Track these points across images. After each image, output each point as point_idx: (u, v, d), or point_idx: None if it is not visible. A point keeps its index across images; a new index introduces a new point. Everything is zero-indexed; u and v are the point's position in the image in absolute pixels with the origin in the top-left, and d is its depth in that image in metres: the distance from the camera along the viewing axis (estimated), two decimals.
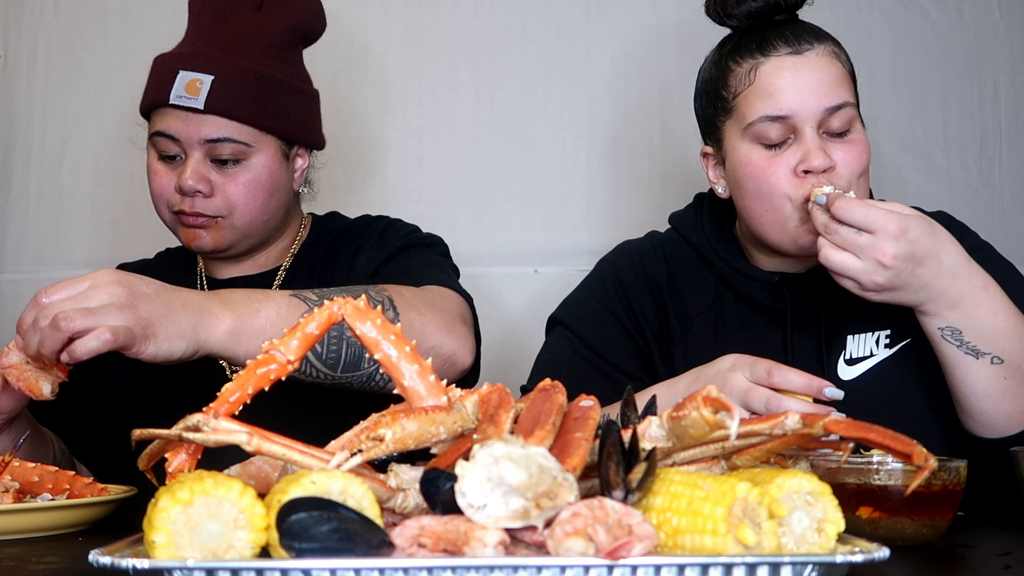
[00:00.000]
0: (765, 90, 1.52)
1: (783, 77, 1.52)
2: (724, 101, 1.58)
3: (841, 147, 1.52)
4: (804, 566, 0.85)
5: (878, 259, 1.36)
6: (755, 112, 1.52)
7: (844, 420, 0.95)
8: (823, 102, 1.51)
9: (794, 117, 1.51)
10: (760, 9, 1.57)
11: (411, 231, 1.81)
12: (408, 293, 1.54)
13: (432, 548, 0.84)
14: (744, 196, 1.57)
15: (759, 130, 1.52)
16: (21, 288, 2.43)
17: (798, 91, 1.51)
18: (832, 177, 1.50)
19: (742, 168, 1.55)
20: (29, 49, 2.45)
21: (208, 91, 1.64)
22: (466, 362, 1.56)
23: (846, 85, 1.54)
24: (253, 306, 1.40)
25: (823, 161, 1.49)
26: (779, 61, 1.53)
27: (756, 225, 1.58)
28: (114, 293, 1.30)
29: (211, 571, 0.83)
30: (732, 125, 1.57)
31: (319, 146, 1.82)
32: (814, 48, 1.53)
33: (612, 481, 0.87)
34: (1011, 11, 2.38)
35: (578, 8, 2.41)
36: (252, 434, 0.91)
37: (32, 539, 1.24)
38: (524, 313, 2.34)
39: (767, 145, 1.52)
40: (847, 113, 1.52)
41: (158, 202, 1.73)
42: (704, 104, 1.64)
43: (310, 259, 1.82)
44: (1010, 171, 2.38)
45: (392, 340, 1.03)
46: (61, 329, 1.26)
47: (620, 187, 2.39)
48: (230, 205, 1.69)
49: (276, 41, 1.73)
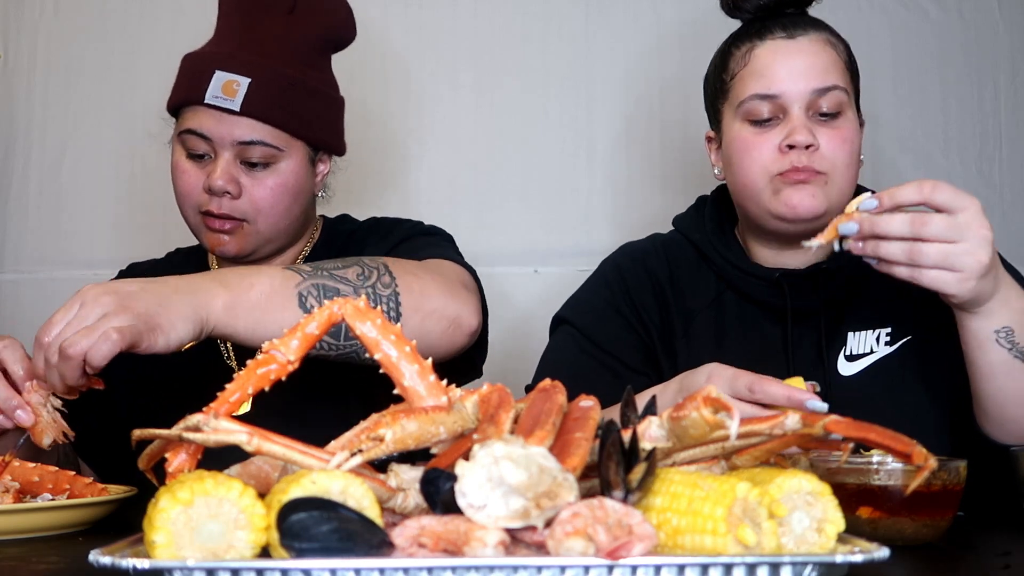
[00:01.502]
0: (758, 71, 1.57)
1: (775, 59, 1.57)
2: (723, 83, 1.63)
3: (827, 131, 1.55)
4: (804, 566, 0.85)
5: (980, 234, 1.29)
6: (747, 91, 1.57)
7: (844, 420, 0.95)
8: (812, 83, 1.54)
9: (783, 97, 1.55)
10: (769, 4, 1.61)
11: (414, 224, 1.82)
12: (406, 261, 1.53)
13: (432, 548, 0.84)
14: (732, 172, 1.62)
15: (749, 107, 1.57)
16: (21, 288, 2.43)
17: (788, 72, 1.55)
18: (814, 158, 1.53)
19: (732, 144, 1.60)
20: (29, 49, 2.45)
21: (245, 93, 1.63)
22: (472, 323, 1.54)
23: (838, 71, 1.57)
24: (247, 280, 1.40)
25: (805, 137, 1.52)
26: (773, 44, 1.58)
27: (739, 200, 1.63)
28: (105, 303, 1.31)
29: (211, 571, 0.83)
30: (728, 106, 1.62)
31: (340, 152, 1.83)
32: (808, 34, 1.58)
33: (612, 481, 0.87)
34: (1011, 11, 2.38)
35: (578, 8, 2.41)
36: (252, 434, 0.91)
37: (32, 539, 1.24)
38: (524, 313, 2.34)
39: (755, 122, 1.57)
40: (836, 96, 1.55)
41: (184, 201, 1.71)
42: (708, 90, 1.70)
43: (320, 260, 1.82)
44: (1010, 171, 2.38)
45: (392, 340, 1.03)
46: (71, 357, 1.28)
47: (620, 187, 2.39)
48: (256, 208, 1.68)
49: (308, 46, 1.73)
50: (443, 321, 1.49)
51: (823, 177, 1.54)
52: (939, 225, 1.28)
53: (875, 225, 1.30)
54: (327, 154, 1.79)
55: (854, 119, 1.59)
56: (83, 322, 1.30)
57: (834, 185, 1.55)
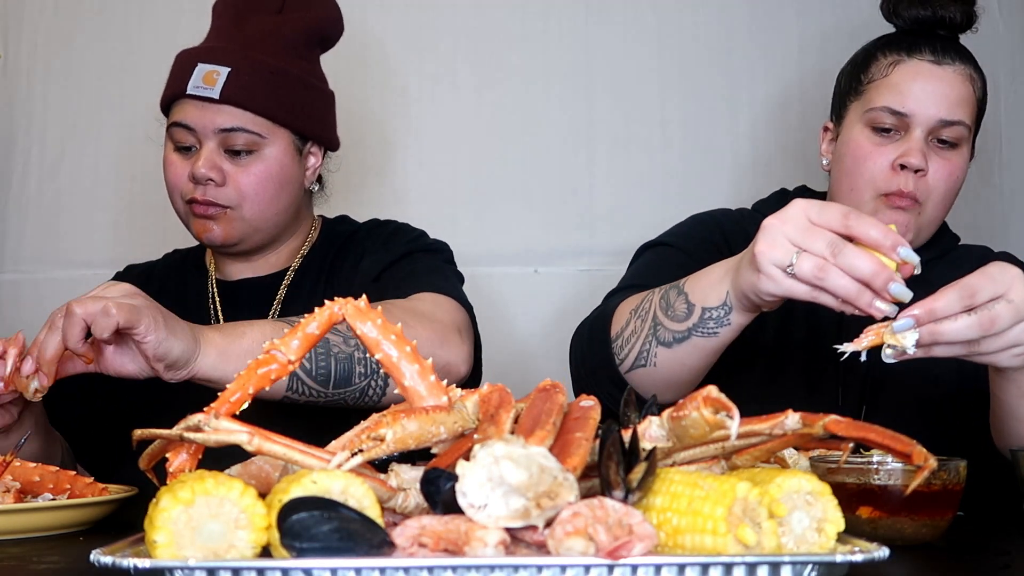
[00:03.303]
0: (896, 85, 1.63)
1: (916, 80, 1.63)
2: (859, 83, 1.69)
3: (940, 159, 1.62)
4: (804, 566, 0.85)
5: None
6: (880, 100, 1.63)
7: (844, 420, 0.95)
8: (941, 113, 1.61)
9: (911, 117, 1.61)
10: (926, 19, 1.67)
11: (417, 236, 1.82)
12: (396, 309, 1.53)
13: (433, 548, 0.84)
14: (839, 170, 1.68)
15: (876, 116, 1.63)
16: (21, 288, 2.43)
17: (924, 95, 1.61)
18: (919, 184, 1.60)
19: (848, 145, 1.66)
20: (29, 49, 2.45)
21: (224, 82, 1.67)
22: (460, 371, 1.57)
23: (969, 107, 1.64)
24: (239, 329, 1.44)
25: (919, 161, 1.59)
26: (918, 65, 1.64)
27: (836, 195, 1.68)
28: (124, 288, 1.37)
29: (212, 571, 0.83)
30: (857, 106, 1.68)
31: (333, 146, 1.84)
32: (954, 65, 1.64)
33: (612, 481, 0.87)
34: (1011, 11, 2.38)
35: (578, 8, 2.41)
36: (253, 434, 0.91)
37: (33, 539, 1.24)
38: (524, 313, 2.34)
39: (877, 130, 1.63)
40: (959, 131, 1.63)
41: (172, 192, 1.75)
42: (842, 82, 1.75)
43: (319, 261, 1.83)
44: (1010, 171, 2.38)
45: (392, 340, 1.03)
46: (75, 314, 1.30)
47: (620, 187, 2.39)
48: (241, 195, 1.70)
49: (294, 41, 1.75)
50: None
51: (918, 208, 1.61)
52: (1007, 317, 1.19)
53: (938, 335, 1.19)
54: (317, 146, 1.80)
55: (967, 154, 1.67)
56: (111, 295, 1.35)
57: (926, 215, 1.62)
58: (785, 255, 1.20)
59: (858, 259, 1.17)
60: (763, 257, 1.21)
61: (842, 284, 1.18)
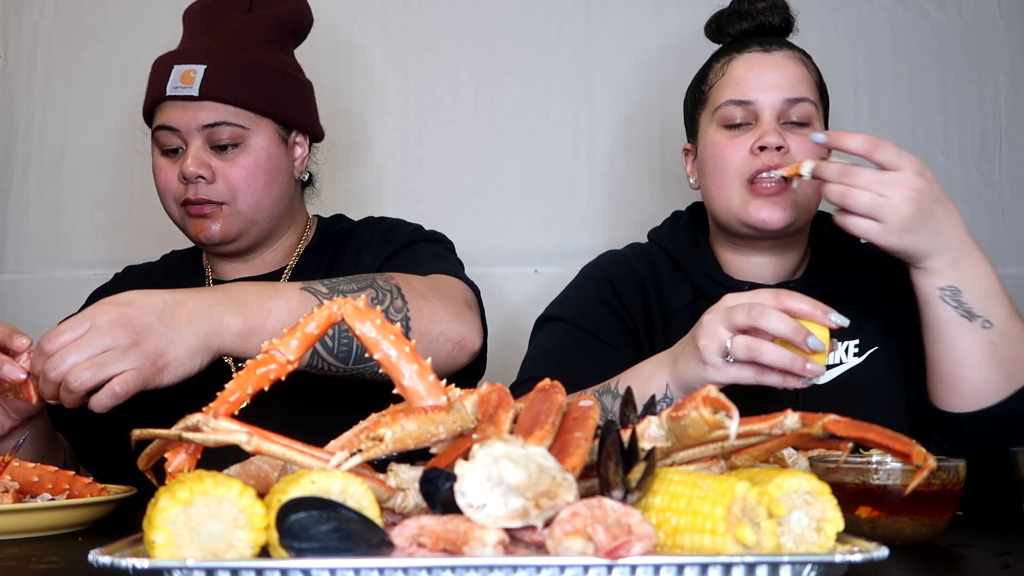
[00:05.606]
0: (734, 79, 1.67)
1: (751, 70, 1.66)
2: (701, 94, 1.73)
3: (797, 137, 1.63)
4: (803, 566, 0.85)
5: (906, 192, 1.38)
6: (723, 97, 1.66)
7: (843, 420, 0.95)
8: (783, 93, 1.63)
9: (756, 103, 1.64)
10: (749, 29, 1.71)
11: (415, 228, 1.83)
12: (415, 281, 1.56)
13: (432, 548, 0.84)
14: (705, 176, 1.69)
15: (724, 113, 1.65)
16: (21, 288, 2.43)
17: (762, 81, 1.64)
18: (785, 159, 1.60)
19: (707, 149, 1.68)
20: (29, 49, 2.45)
21: (202, 79, 1.68)
22: (475, 345, 1.59)
23: (809, 86, 1.66)
24: (264, 305, 1.41)
25: (777, 139, 1.60)
26: (749, 57, 1.68)
27: (710, 204, 1.70)
28: (117, 336, 1.30)
29: (211, 571, 0.83)
30: (706, 114, 1.70)
31: (317, 136, 1.85)
32: (782, 50, 1.68)
33: (611, 481, 0.87)
34: (1011, 11, 2.38)
35: (578, 8, 2.41)
36: (252, 434, 0.91)
37: (32, 539, 1.24)
38: (524, 313, 2.33)
39: (729, 126, 1.65)
40: (806, 108, 1.64)
41: (165, 197, 1.75)
42: (688, 102, 1.78)
43: (315, 260, 1.83)
44: (1010, 171, 2.38)
45: (392, 340, 1.03)
46: (74, 391, 1.30)
47: (620, 187, 2.39)
48: (232, 189, 1.71)
49: (266, 35, 1.77)
50: (448, 344, 1.54)
51: (790, 191, 1.61)
52: (869, 177, 1.39)
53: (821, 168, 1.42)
54: (303, 136, 1.81)
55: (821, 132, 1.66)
56: (89, 348, 1.29)
57: (801, 192, 1.62)
58: (722, 343, 1.33)
59: (777, 321, 1.30)
60: (706, 351, 1.34)
61: (776, 355, 1.30)
